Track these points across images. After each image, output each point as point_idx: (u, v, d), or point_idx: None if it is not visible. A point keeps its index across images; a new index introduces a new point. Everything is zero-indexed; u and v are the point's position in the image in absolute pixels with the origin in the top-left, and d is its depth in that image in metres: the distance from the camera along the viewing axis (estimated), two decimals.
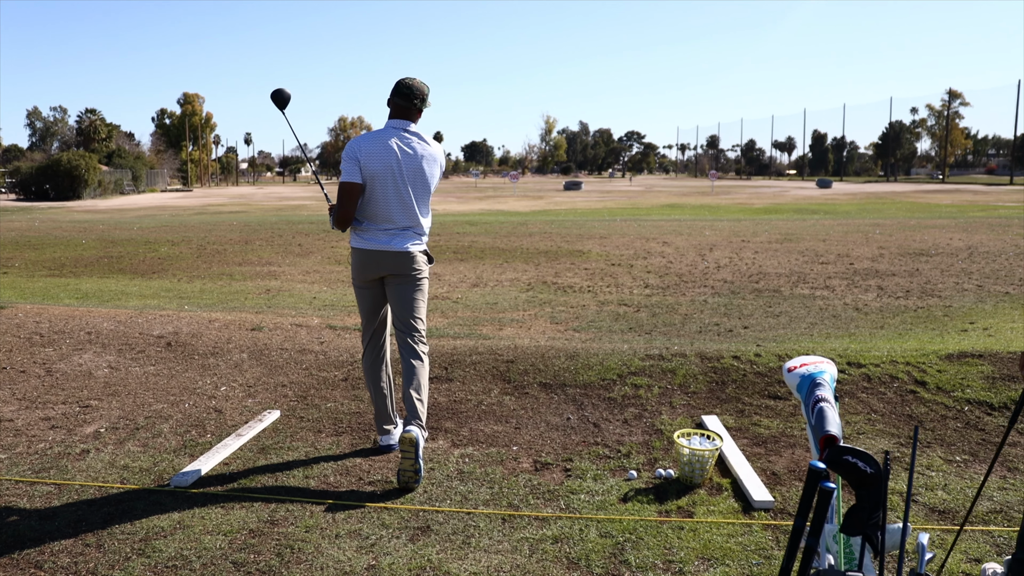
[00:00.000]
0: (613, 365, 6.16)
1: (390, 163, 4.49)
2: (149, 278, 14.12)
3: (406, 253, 4.57)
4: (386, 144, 4.50)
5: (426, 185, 4.64)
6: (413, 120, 4.61)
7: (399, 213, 4.55)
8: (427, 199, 4.71)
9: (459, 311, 10.00)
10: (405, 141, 4.54)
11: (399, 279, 4.60)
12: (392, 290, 4.64)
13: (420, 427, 4.39)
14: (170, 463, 4.65)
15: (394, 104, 4.58)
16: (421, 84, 4.59)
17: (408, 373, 4.58)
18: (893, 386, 5.72)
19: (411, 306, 4.65)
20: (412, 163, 4.55)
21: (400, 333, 4.68)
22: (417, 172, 4.57)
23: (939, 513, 3.95)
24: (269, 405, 5.71)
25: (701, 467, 4.21)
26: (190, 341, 7.47)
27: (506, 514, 3.93)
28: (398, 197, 4.52)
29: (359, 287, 4.74)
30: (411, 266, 4.60)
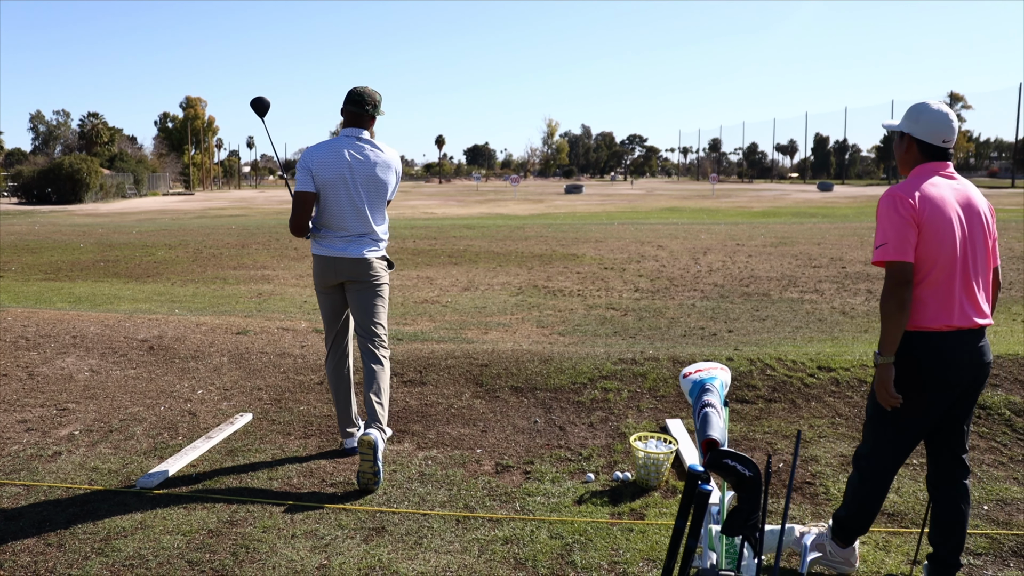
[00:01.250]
0: (585, 369, 6.22)
1: (342, 171, 4.57)
2: (143, 282, 14.21)
3: (363, 259, 4.63)
4: (338, 153, 4.58)
5: (380, 192, 4.69)
6: (366, 127, 4.68)
7: (353, 220, 4.62)
8: (382, 206, 4.75)
9: (447, 315, 10.06)
10: (358, 149, 4.62)
11: (358, 285, 4.67)
12: (352, 296, 4.72)
13: (380, 430, 4.45)
14: (139, 465, 4.72)
15: (347, 112, 4.66)
16: (373, 91, 4.68)
17: (369, 377, 4.65)
18: (861, 390, 5.76)
19: (371, 312, 4.71)
20: (365, 171, 4.61)
21: (361, 338, 4.75)
22: (370, 179, 4.63)
23: (888, 516, 4.00)
24: (243, 408, 5.77)
25: (656, 470, 4.27)
26: (173, 345, 7.54)
27: (460, 515, 4.00)
28: (351, 204, 4.60)
29: (320, 293, 4.82)
30: (368, 272, 4.67)
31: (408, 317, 9.83)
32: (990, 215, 3.31)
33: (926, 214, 3.13)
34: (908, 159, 3.37)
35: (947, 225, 3.14)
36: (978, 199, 3.27)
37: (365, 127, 4.67)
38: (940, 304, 3.13)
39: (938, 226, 3.13)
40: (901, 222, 3.12)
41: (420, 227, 25.53)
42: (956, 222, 3.16)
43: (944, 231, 3.13)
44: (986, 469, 4.61)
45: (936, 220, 3.13)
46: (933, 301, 3.13)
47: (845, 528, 3.40)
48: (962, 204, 3.22)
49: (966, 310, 3.15)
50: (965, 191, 3.26)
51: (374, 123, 4.74)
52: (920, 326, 3.14)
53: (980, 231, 3.22)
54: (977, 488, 4.33)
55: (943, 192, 3.20)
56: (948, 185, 3.24)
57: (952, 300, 3.14)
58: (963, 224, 3.18)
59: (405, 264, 15.52)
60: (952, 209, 3.17)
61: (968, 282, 3.17)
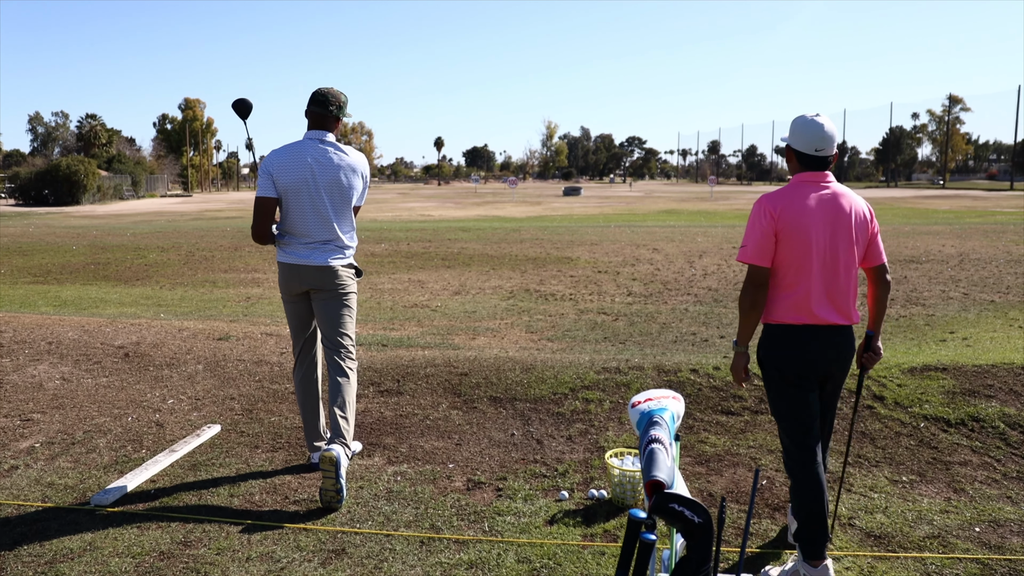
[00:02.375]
0: (567, 379, 6.03)
1: (304, 176, 4.37)
2: (132, 285, 14.03)
3: (327, 268, 4.44)
4: (301, 156, 4.38)
5: (345, 197, 4.49)
6: (330, 129, 4.48)
7: (316, 226, 4.43)
8: (348, 212, 4.55)
9: (436, 320, 9.88)
10: (321, 152, 4.41)
11: (323, 294, 4.48)
12: (317, 305, 4.53)
13: (343, 445, 4.27)
14: (97, 480, 4.54)
15: (311, 114, 4.46)
16: (338, 92, 4.48)
17: (333, 390, 4.46)
18: (851, 401, 5.57)
19: (336, 322, 4.52)
20: (328, 175, 4.41)
21: (327, 350, 4.56)
22: (333, 184, 4.42)
23: (875, 538, 3.81)
24: (213, 419, 5.59)
25: (632, 488, 4.08)
26: (149, 351, 7.36)
27: (425, 536, 3.81)
28: (314, 210, 4.40)
29: (286, 301, 4.63)
30: (333, 281, 4.47)
31: (396, 322, 9.65)
32: (866, 217, 3.52)
33: (784, 223, 3.43)
34: (791, 168, 3.60)
35: (804, 233, 3.42)
36: (849, 205, 3.48)
37: (329, 129, 4.47)
38: (796, 302, 3.44)
39: (795, 234, 3.42)
40: (761, 230, 3.47)
41: (415, 229, 25.35)
42: (815, 230, 3.42)
43: (800, 239, 3.42)
44: (978, 487, 4.41)
45: (793, 229, 3.42)
46: (791, 299, 3.45)
47: (806, 540, 3.44)
48: (827, 212, 3.45)
49: (821, 309, 3.43)
50: (834, 199, 3.48)
51: (339, 124, 4.55)
52: (780, 320, 3.49)
53: (844, 237, 3.45)
54: (968, 508, 4.13)
55: (807, 201, 3.46)
56: (816, 195, 3.48)
57: (808, 299, 3.43)
58: (824, 231, 3.43)
59: (397, 267, 15.34)
60: (813, 218, 3.43)
61: (825, 284, 3.44)
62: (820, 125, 3.49)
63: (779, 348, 3.52)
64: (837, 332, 3.49)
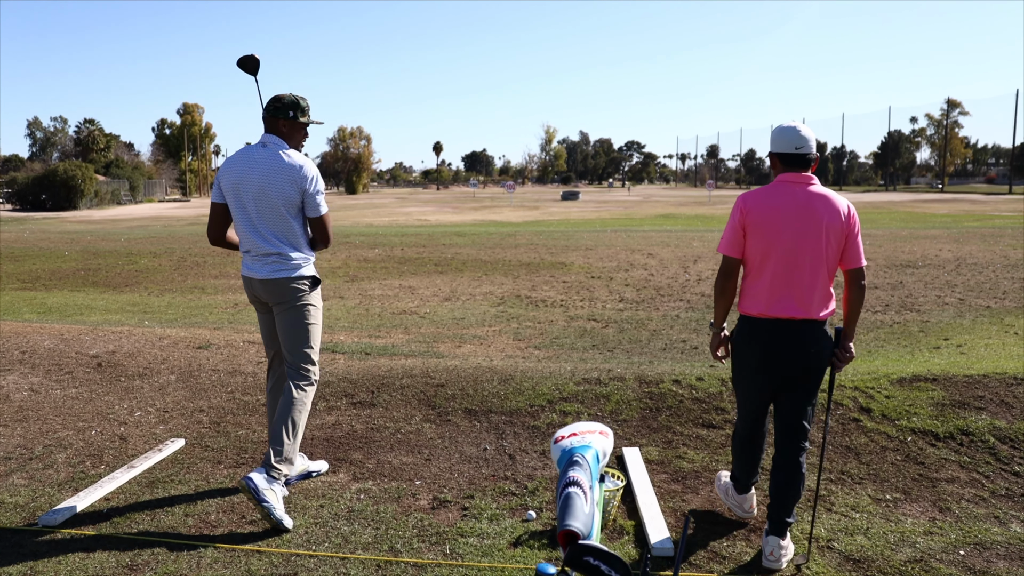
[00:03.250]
0: (545, 390, 5.85)
1: (236, 182, 4.14)
2: (120, 291, 13.87)
3: (272, 281, 4.20)
4: (238, 161, 4.16)
5: (273, 206, 4.12)
6: (277, 132, 4.21)
7: (251, 237, 4.18)
8: (285, 222, 4.17)
9: (423, 327, 9.71)
10: (255, 156, 4.15)
11: (278, 308, 4.27)
12: (275, 319, 4.33)
13: (268, 470, 4.00)
14: (49, 498, 4.36)
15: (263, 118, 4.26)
16: (292, 96, 4.23)
17: (275, 409, 4.30)
18: (836, 414, 5.39)
19: (288, 336, 4.29)
20: (254, 182, 4.11)
21: (284, 364, 4.37)
22: (260, 192, 4.11)
23: (853, 563, 3.62)
24: (179, 432, 5.41)
25: (602, 509, 3.89)
26: (123, 361, 7.18)
27: (382, 560, 3.63)
28: (246, 219, 4.17)
29: (257, 312, 4.45)
30: (282, 294, 4.23)
31: (383, 329, 9.48)
32: (843, 218, 3.61)
33: (751, 219, 3.65)
34: (775, 172, 3.78)
35: (767, 229, 3.61)
36: (825, 205, 3.60)
37: (275, 132, 4.21)
38: (756, 294, 3.66)
39: (759, 230, 3.62)
40: (733, 225, 3.72)
41: (411, 235, 25.18)
42: (780, 227, 3.59)
43: (763, 234, 3.62)
44: (965, 506, 4.23)
45: (758, 224, 3.63)
46: (753, 291, 3.68)
47: (736, 479, 4.03)
48: (797, 210, 3.59)
49: (782, 303, 3.60)
50: (809, 198, 3.61)
51: (295, 130, 4.25)
52: (744, 311, 3.72)
53: (813, 235, 3.57)
54: (953, 529, 3.95)
55: (779, 199, 3.63)
56: (791, 193, 3.63)
57: (770, 293, 3.62)
58: (790, 229, 3.58)
59: (389, 273, 15.18)
60: (780, 215, 3.60)
61: (788, 279, 3.60)
62: (796, 127, 3.70)
63: (740, 336, 3.79)
64: (795, 327, 3.62)
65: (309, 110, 4.31)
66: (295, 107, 4.20)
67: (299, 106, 4.22)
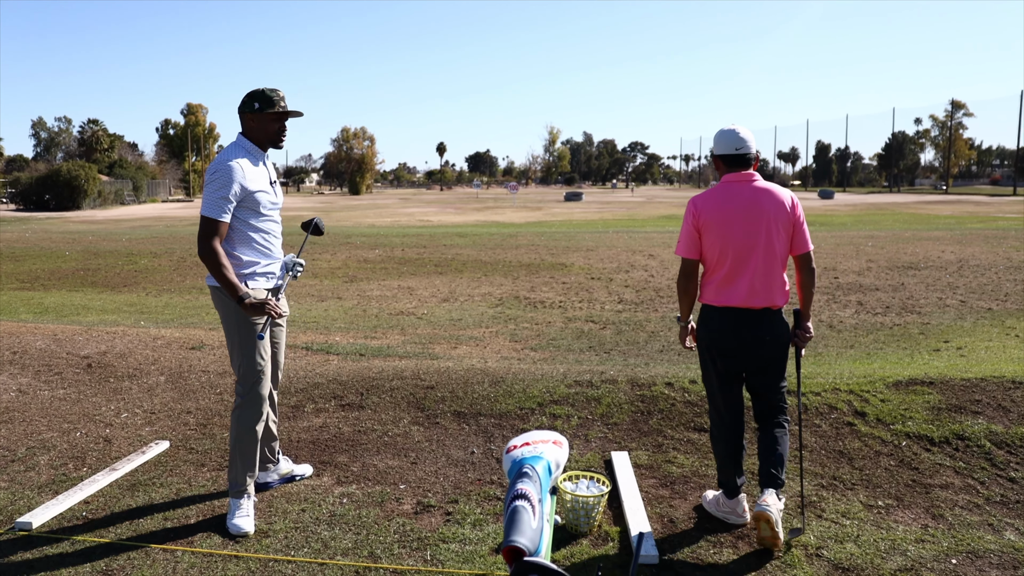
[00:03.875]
0: (535, 393, 5.78)
1: None
2: (118, 291, 13.83)
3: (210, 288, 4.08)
4: None
5: None
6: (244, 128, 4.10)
7: None
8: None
9: (420, 328, 9.65)
10: None
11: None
12: None
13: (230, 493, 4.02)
14: (28, 501, 4.30)
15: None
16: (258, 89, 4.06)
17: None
18: (830, 417, 5.31)
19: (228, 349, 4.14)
20: None
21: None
22: None
23: (843, 571, 3.53)
24: (165, 434, 5.35)
25: (587, 514, 3.82)
26: (114, 362, 7.12)
27: (361, 566, 3.56)
28: None
29: None
30: (214, 303, 4.09)
31: (379, 330, 9.42)
32: (787, 208, 3.87)
33: (703, 219, 3.91)
34: (719, 173, 4.03)
35: (719, 227, 3.88)
36: (768, 199, 3.87)
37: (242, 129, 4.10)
38: (717, 286, 3.91)
39: (711, 228, 3.90)
40: (688, 228, 3.98)
41: (412, 235, 25.12)
42: (730, 223, 3.86)
43: (716, 232, 3.89)
44: (958, 513, 4.13)
45: (710, 224, 3.90)
46: (712, 284, 3.94)
47: (722, 484, 4.09)
48: (744, 206, 3.86)
49: (736, 292, 3.87)
50: (754, 194, 3.88)
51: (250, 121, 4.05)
52: (705, 301, 3.98)
53: (764, 227, 3.83)
54: (946, 537, 3.86)
55: (726, 198, 3.91)
56: (737, 191, 3.90)
57: (724, 284, 3.89)
58: (739, 224, 3.85)
59: (389, 274, 15.12)
60: (728, 212, 3.87)
61: (740, 271, 3.85)
62: (735, 130, 3.99)
63: (702, 324, 4.03)
64: (755, 315, 3.88)
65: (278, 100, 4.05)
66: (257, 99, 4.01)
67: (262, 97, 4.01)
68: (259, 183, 4.01)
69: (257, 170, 4.03)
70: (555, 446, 2.61)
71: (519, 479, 2.27)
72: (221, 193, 3.85)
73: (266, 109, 4.00)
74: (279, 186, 4.28)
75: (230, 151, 4.01)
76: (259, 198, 3.99)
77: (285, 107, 4.06)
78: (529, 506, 2.12)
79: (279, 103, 4.04)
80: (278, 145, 4.14)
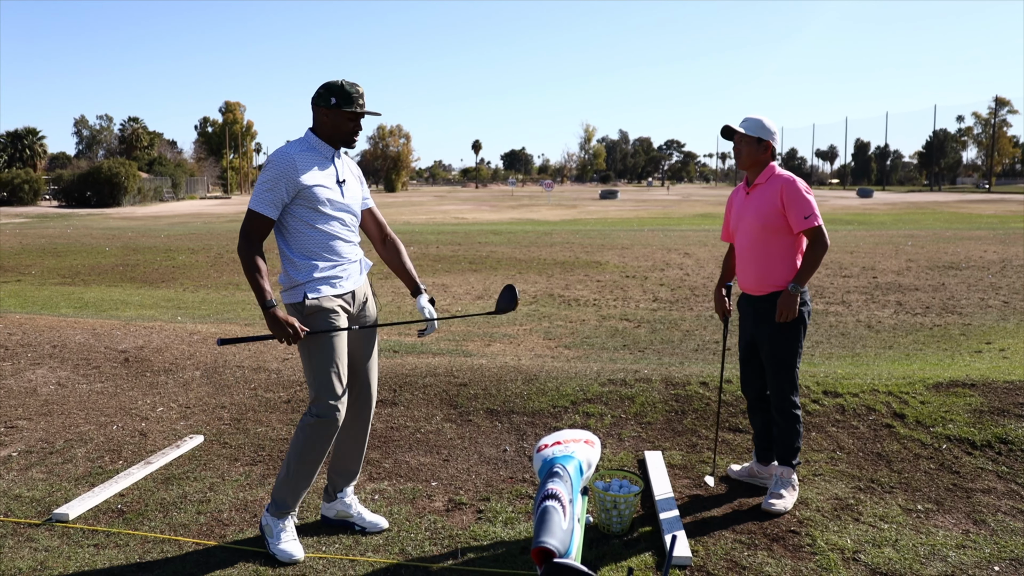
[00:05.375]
0: (569, 391, 5.74)
1: None
2: (157, 287, 14.00)
3: None
4: None
5: None
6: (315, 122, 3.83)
7: None
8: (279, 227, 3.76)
9: (453, 325, 9.65)
10: None
11: None
12: None
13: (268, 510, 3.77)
14: (66, 493, 4.35)
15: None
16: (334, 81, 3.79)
17: None
18: (868, 419, 5.21)
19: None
20: None
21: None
22: None
23: (881, 575, 3.46)
24: (200, 428, 5.39)
25: (619, 515, 3.78)
26: (150, 356, 7.20)
27: (391, 563, 3.55)
28: None
29: None
30: None
31: (413, 327, 9.43)
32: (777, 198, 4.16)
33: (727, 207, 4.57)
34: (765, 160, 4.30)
35: (728, 214, 4.54)
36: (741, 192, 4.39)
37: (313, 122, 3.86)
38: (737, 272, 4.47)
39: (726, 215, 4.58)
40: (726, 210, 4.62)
41: (447, 232, 25.16)
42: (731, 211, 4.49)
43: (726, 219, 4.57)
44: (1001, 519, 4.03)
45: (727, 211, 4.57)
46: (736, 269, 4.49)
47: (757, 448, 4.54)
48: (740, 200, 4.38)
49: (742, 280, 4.37)
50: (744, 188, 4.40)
51: (323, 116, 3.74)
52: None
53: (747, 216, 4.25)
54: (988, 543, 3.76)
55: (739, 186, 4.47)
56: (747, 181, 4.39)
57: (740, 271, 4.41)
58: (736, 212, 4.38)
59: (423, 271, 15.14)
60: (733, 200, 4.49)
61: (741, 259, 4.38)
62: None
63: None
64: (754, 299, 4.33)
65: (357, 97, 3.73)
66: (335, 93, 3.70)
67: (340, 92, 3.70)
68: (318, 179, 3.67)
69: (318, 166, 3.71)
70: (587, 445, 2.56)
71: (550, 479, 2.23)
72: (267, 186, 3.59)
73: (344, 107, 3.67)
74: (355, 185, 3.90)
75: (291, 144, 3.75)
76: (318, 194, 3.64)
77: (364, 106, 3.76)
78: (560, 506, 2.09)
79: (358, 101, 3.71)
80: (351, 144, 3.82)
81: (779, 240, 4.17)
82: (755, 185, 4.28)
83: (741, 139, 4.28)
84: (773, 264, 4.19)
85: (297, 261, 3.66)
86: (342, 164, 3.85)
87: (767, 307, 4.21)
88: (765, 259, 4.21)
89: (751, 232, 4.25)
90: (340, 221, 3.76)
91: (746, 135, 4.25)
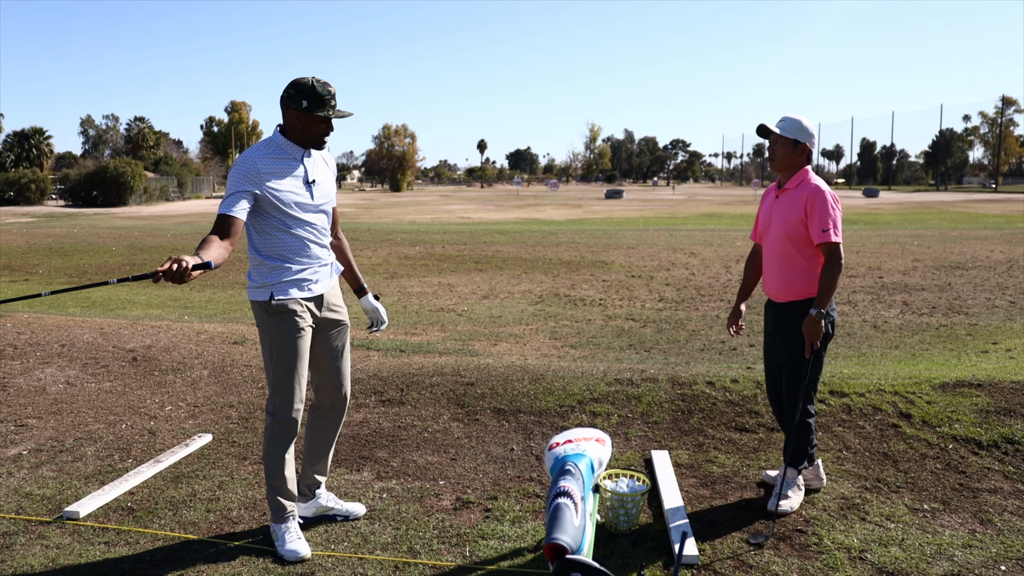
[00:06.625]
0: (576, 390, 5.76)
1: None
2: (162, 286, 14.03)
3: None
4: None
5: None
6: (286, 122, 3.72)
7: None
8: None
9: (460, 325, 9.67)
10: None
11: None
12: None
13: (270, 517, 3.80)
14: (76, 491, 4.38)
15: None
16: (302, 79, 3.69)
17: None
18: (875, 419, 5.22)
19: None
20: None
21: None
22: None
23: (887, 575, 3.47)
24: (208, 427, 5.42)
25: (626, 513, 3.80)
26: (158, 356, 7.23)
27: (400, 561, 3.57)
28: None
29: None
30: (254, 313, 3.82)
31: (419, 327, 9.45)
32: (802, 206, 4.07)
33: None
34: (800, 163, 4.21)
35: (758, 215, 4.45)
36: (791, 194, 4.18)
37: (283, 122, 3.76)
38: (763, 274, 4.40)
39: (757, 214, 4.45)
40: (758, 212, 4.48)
41: (452, 232, 25.20)
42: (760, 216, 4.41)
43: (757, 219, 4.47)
44: (1008, 519, 4.04)
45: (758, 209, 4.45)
46: None
47: None
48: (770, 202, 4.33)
49: (767, 283, 4.31)
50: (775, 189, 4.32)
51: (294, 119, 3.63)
52: None
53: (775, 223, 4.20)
54: (994, 543, 3.77)
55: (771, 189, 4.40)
56: None
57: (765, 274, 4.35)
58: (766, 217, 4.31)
59: (429, 270, 15.16)
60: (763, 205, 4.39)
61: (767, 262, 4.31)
62: None
63: None
64: (775, 306, 4.28)
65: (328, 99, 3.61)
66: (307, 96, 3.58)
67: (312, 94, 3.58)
68: (286, 182, 3.58)
69: (285, 168, 3.60)
70: (598, 444, 2.59)
71: (562, 476, 2.26)
72: (232, 190, 3.50)
73: (316, 111, 3.56)
74: (325, 186, 3.79)
75: (257, 147, 3.65)
76: (284, 198, 3.55)
77: (336, 107, 3.64)
78: (572, 503, 2.12)
79: (330, 103, 3.59)
80: (320, 147, 3.72)
81: (802, 251, 4.07)
82: (785, 189, 4.17)
83: (777, 140, 4.15)
84: (796, 273, 4.09)
85: (267, 263, 3.63)
86: (312, 163, 3.73)
87: (787, 314, 4.13)
88: (789, 267, 4.11)
89: (776, 239, 4.16)
90: (309, 224, 3.69)
91: (782, 136, 4.12)
